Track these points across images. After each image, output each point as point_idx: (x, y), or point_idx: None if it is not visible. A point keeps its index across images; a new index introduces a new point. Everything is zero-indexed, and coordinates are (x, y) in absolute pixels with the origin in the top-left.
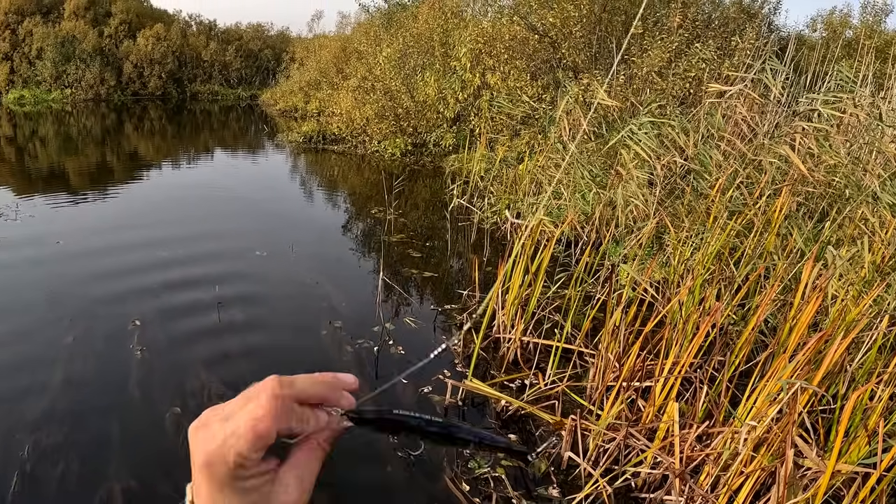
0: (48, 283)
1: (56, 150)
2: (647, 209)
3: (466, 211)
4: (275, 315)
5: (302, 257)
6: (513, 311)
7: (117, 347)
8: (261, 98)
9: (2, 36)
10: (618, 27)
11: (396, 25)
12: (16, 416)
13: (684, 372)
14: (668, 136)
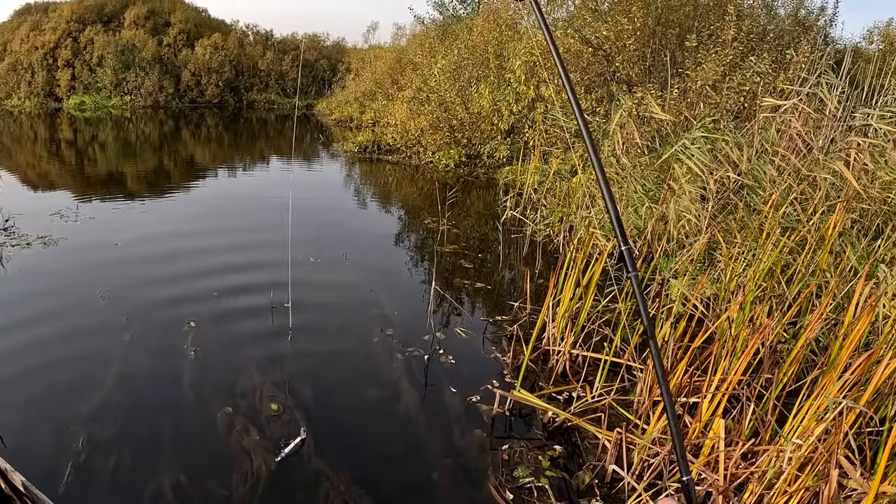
0: (106, 283)
1: (115, 154)
2: (700, 224)
3: (519, 223)
4: (327, 321)
5: (355, 265)
6: (563, 323)
7: (172, 347)
8: (316, 108)
9: (64, 44)
10: (672, 40)
11: (451, 37)
12: (72, 409)
13: (732, 389)
14: (721, 150)
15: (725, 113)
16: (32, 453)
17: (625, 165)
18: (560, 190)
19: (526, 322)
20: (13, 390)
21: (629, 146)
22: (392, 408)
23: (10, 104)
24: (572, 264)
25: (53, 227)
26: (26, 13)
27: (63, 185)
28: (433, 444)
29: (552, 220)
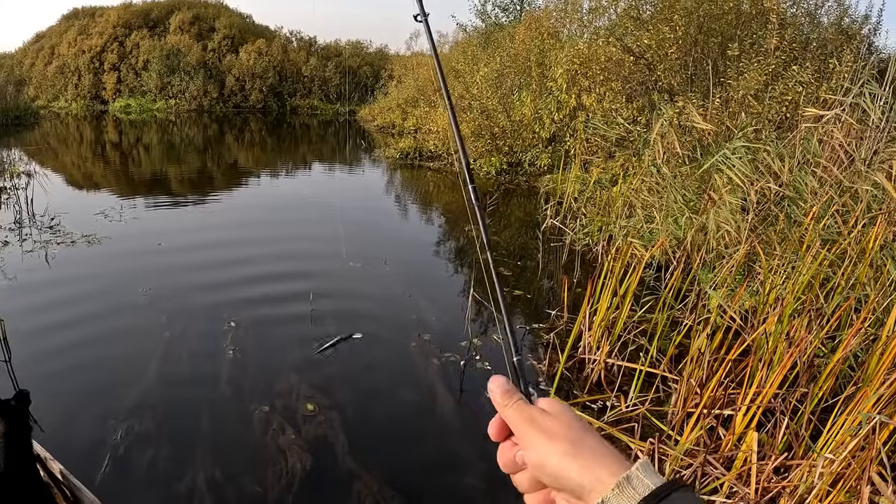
0: (148, 282)
1: (159, 156)
2: (739, 235)
3: (559, 231)
4: (365, 324)
5: (395, 270)
6: (599, 333)
7: (211, 346)
8: (359, 114)
9: (110, 48)
10: (714, 49)
11: (493, 45)
12: (111, 403)
13: (767, 402)
14: (762, 161)
15: (767, 123)
16: (72, 443)
17: (665, 175)
18: (600, 199)
19: (562, 330)
20: (56, 383)
21: (670, 156)
22: (427, 412)
23: (58, 106)
24: (609, 274)
25: (98, 226)
26: (73, 17)
27: (108, 186)
28: (467, 449)
29: (591, 229)
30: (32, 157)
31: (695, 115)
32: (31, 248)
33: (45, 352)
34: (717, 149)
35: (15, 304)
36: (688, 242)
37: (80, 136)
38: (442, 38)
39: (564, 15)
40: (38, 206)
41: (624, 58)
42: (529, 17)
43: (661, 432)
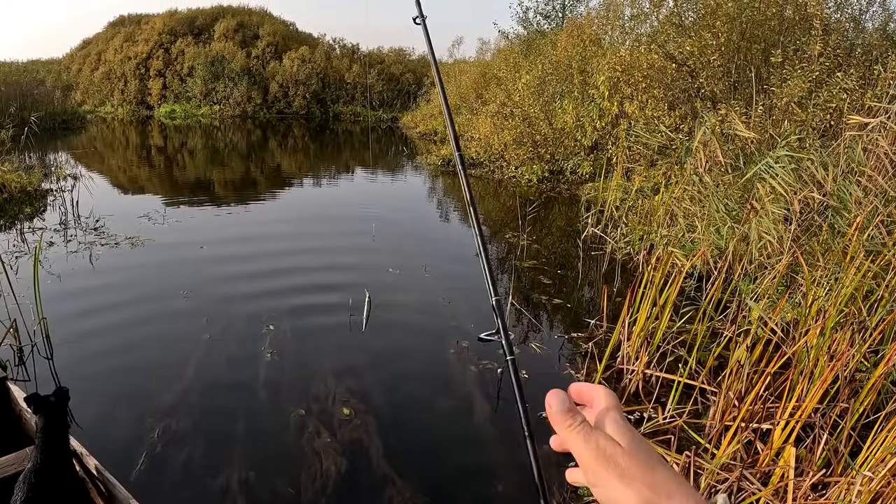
0: (189, 284)
1: (203, 161)
2: (781, 246)
3: (600, 240)
4: (404, 330)
5: (434, 277)
6: (638, 343)
7: (249, 348)
8: (401, 121)
9: (156, 54)
10: (757, 56)
11: (535, 52)
12: (149, 402)
13: (806, 417)
14: (806, 169)
15: (811, 131)
16: (110, 440)
17: (707, 184)
18: (642, 208)
19: (601, 340)
20: (96, 381)
21: (712, 164)
22: (463, 419)
23: (104, 111)
24: (649, 283)
25: (141, 228)
26: (120, 25)
27: (152, 190)
28: (501, 458)
29: (633, 238)
30: (79, 161)
31: (737, 123)
32: (75, 249)
33: (86, 350)
34: (760, 157)
35: (58, 304)
36: (729, 252)
37: (125, 140)
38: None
39: (606, 22)
40: (83, 208)
41: (666, 65)
42: (571, 24)
43: (698, 445)
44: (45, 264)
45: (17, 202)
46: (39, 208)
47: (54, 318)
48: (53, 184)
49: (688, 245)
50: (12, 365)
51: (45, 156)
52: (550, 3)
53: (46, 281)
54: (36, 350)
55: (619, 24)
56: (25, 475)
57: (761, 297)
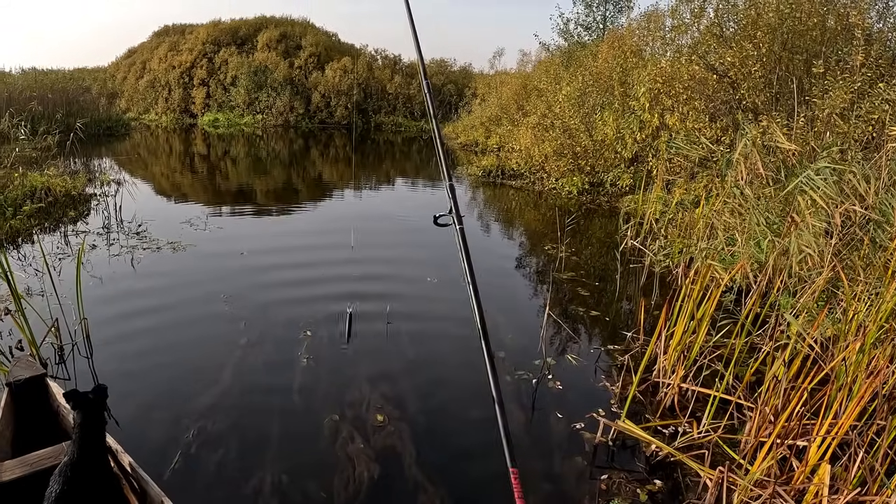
0: (229, 289)
1: (245, 169)
2: (822, 260)
3: (639, 253)
4: (441, 340)
5: None
6: (674, 356)
7: (286, 354)
8: (442, 131)
9: (199, 64)
10: (799, 66)
11: (576, 64)
12: (185, 403)
13: (843, 434)
14: (847, 182)
15: (853, 143)
16: (145, 439)
17: (748, 197)
18: (681, 220)
19: (638, 353)
20: (134, 381)
21: (753, 177)
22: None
23: (148, 118)
24: (687, 296)
25: (183, 233)
26: (164, 34)
27: (194, 196)
28: (534, 468)
29: (672, 251)
30: (122, 166)
31: (779, 135)
32: (117, 253)
33: (126, 351)
34: (801, 170)
35: (99, 305)
36: (769, 266)
37: (168, 147)
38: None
39: (647, 33)
40: (126, 212)
41: (707, 76)
42: (612, 36)
43: (732, 461)
44: (88, 266)
45: (61, 206)
46: (83, 212)
47: (95, 319)
48: (97, 188)
49: (727, 258)
50: (53, 363)
51: (89, 161)
52: (591, 15)
53: (88, 282)
54: (76, 349)
55: (660, 36)
56: (61, 468)
57: (800, 311)
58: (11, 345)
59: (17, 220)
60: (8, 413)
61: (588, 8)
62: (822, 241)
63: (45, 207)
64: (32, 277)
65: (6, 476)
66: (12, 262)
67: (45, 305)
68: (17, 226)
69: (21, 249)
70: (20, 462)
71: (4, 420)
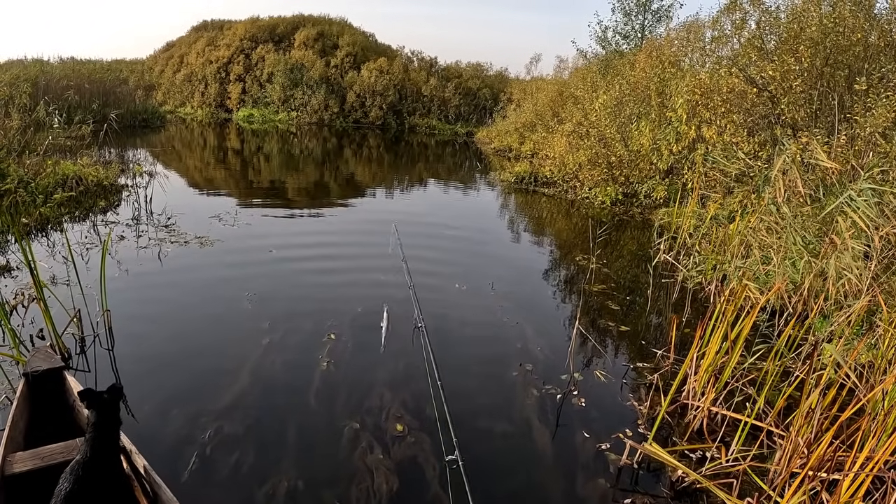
0: (255, 288)
1: (278, 166)
2: (861, 284)
3: (671, 267)
4: (468, 348)
5: (501, 295)
6: (705, 378)
7: (308, 357)
8: (476, 135)
9: (236, 59)
10: (840, 83)
11: (613, 72)
12: (204, 402)
13: (877, 469)
14: (889, 203)
15: (895, 163)
16: (163, 437)
17: (785, 215)
18: (716, 236)
19: (667, 372)
20: (154, 376)
21: (791, 194)
22: (520, 444)
23: (184, 112)
24: (721, 316)
25: (212, 228)
26: (203, 29)
27: (225, 191)
28: (555, 488)
29: (705, 267)
30: (156, 158)
31: (819, 153)
32: (145, 245)
33: (147, 345)
34: (841, 189)
35: (123, 297)
36: (805, 288)
37: (203, 141)
38: (562, 64)
39: (686, 43)
40: (156, 205)
41: (746, 89)
42: (650, 45)
43: (761, 492)
44: (115, 257)
45: (92, 195)
46: (114, 202)
47: (118, 311)
48: (129, 179)
49: (762, 277)
50: (73, 353)
51: (123, 152)
52: (630, 24)
53: (114, 274)
54: (98, 341)
55: (700, 47)
56: (73, 466)
57: (837, 336)
58: (34, 333)
59: (48, 207)
60: (23, 403)
61: (627, 16)
62: (861, 265)
63: (76, 196)
64: (59, 265)
65: (18, 467)
66: (40, 250)
67: (69, 295)
68: (47, 213)
69: (50, 237)
70: (32, 455)
71: (19, 410)
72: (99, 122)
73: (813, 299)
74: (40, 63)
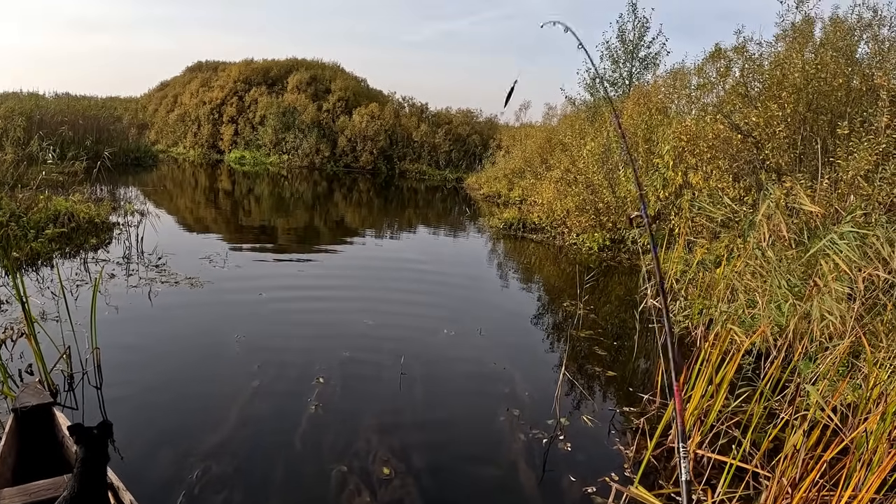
0: (244, 330)
1: (268, 208)
2: (844, 326)
3: (658, 312)
4: (455, 393)
5: (489, 341)
6: (691, 421)
7: (297, 399)
8: (466, 181)
9: (230, 101)
10: (823, 127)
11: (601, 119)
12: (192, 442)
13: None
14: (871, 245)
15: (877, 205)
16: (150, 476)
17: (770, 258)
18: (702, 281)
19: (654, 416)
20: (142, 415)
21: (776, 238)
22: (506, 489)
23: (176, 151)
24: (706, 360)
25: (202, 270)
26: (197, 70)
27: (216, 232)
28: None
29: (692, 312)
30: (147, 197)
31: (802, 197)
32: (136, 284)
33: (135, 384)
34: (825, 232)
35: (113, 335)
36: (790, 330)
37: (194, 181)
38: (551, 111)
39: (673, 91)
40: (147, 244)
41: (731, 135)
42: (637, 92)
43: None
44: (105, 295)
45: (84, 232)
46: (105, 240)
47: (107, 349)
48: (121, 217)
49: (747, 321)
50: (62, 390)
51: (115, 189)
52: (618, 71)
53: (104, 311)
54: (86, 378)
55: (686, 94)
56: (60, 502)
57: (822, 377)
58: (22, 368)
59: (39, 242)
60: (12, 439)
61: (615, 64)
62: (845, 306)
63: (68, 233)
64: (49, 301)
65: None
66: (30, 285)
67: (59, 331)
68: (38, 248)
69: (40, 272)
70: (20, 491)
71: (7, 446)
72: (92, 159)
73: (797, 341)
74: (36, 97)
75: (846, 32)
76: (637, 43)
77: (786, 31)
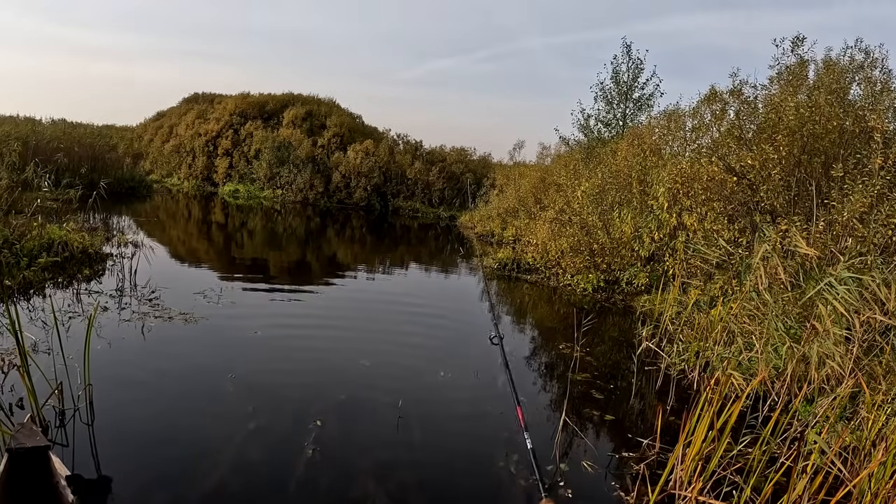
0: (239, 369)
1: (261, 242)
2: (843, 369)
3: (654, 355)
4: (452, 437)
5: (486, 384)
6: (692, 466)
7: (293, 442)
8: (459, 220)
9: (225, 134)
10: (817, 168)
11: (595, 160)
12: (184, 485)
13: None
14: (868, 287)
15: (872, 247)
16: None
17: (766, 301)
18: (698, 322)
19: (653, 462)
20: (134, 455)
21: (772, 281)
22: None
23: (171, 182)
24: (707, 405)
25: (196, 305)
26: (193, 101)
27: (209, 266)
28: None
29: (688, 354)
30: (141, 228)
31: (798, 240)
32: (128, 318)
33: (128, 423)
34: (821, 274)
35: (105, 371)
36: (788, 374)
37: (188, 213)
38: (545, 150)
39: (667, 132)
40: (140, 276)
41: (726, 177)
42: (632, 133)
43: None
44: (97, 329)
45: (77, 262)
46: (98, 271)
47: (100, 385)
48: (114, 248)
49: (745, 364)
50: (53, 426)
51: (109, 219)
52: (612, 112)
53: (96, 346)
54: (78, 415)
55: (680, 135)
56: None
57: (821, 421)
58: (13, 402)
59: (31, 271)
60: (5, 481)
61: (609, 105)
62: (842, 349)
63: (61, 262)
64: (40, 331)
65: None
66: (22, 315)
67: (51, 364)
68: (30, 277)
69: (31, 301)
70: None
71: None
72: (87, 188)
73: (796, 384)
74: (32, 122)
75: (839, 74)
76: (631, 84)
77: (780, 73)
